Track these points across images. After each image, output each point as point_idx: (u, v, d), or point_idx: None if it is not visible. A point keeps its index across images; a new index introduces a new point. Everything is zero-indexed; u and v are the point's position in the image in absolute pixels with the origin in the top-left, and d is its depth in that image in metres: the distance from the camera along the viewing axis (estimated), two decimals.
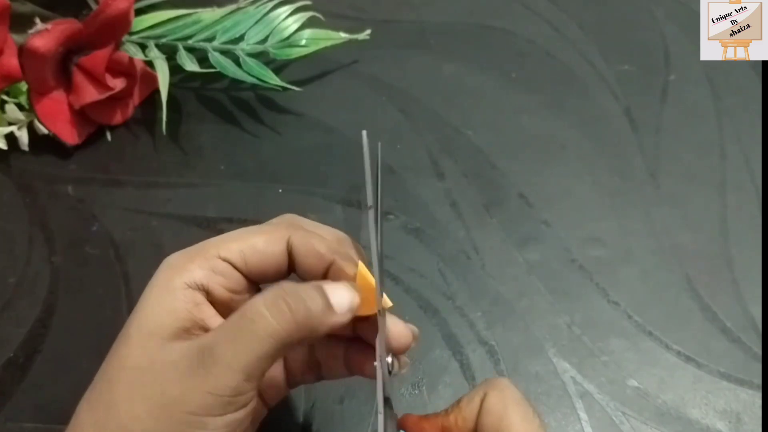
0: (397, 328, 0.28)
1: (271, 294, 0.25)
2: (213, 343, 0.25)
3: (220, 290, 0.27)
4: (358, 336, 0.30)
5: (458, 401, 0.27)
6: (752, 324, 0.41)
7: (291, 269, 0.29)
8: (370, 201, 0.25)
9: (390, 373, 0.28)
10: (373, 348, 0.29)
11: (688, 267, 0.43)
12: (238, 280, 0.28)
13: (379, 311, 0.27)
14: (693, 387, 0.38)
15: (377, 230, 0.26)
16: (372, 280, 0.27)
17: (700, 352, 0.39)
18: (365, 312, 0.27)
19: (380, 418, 0.27)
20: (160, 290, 0.27)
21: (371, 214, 0.25)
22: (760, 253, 0.44)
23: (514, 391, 0.26)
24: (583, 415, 0.37)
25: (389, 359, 0.28)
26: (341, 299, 0.26)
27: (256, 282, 0.29)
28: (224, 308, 0.28)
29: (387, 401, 0.27)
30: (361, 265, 0.27)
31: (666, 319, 0.41)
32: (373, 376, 0.28)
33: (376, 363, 0.27)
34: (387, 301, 0.27)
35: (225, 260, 0.27)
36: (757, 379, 0.38)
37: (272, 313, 0.25)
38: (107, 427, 0.25)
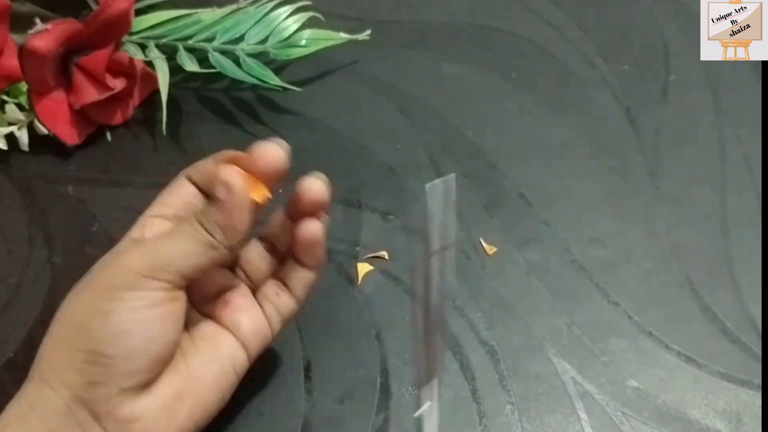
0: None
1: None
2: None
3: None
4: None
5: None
6: (752, 324, 0.41)
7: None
8: (437, 245, 0.24)
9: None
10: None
11: (688, 267, 0.43)
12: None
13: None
14: (693, 387, 0.38)
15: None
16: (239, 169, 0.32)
17: (700, 353, 0.39)
18: (258, 198, 0.32)
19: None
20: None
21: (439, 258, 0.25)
22: (760, 253, 0.44)
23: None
24: (583, 416, 0.37)
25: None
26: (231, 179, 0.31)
27: None
28: None
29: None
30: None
31: (666, 319, 0.41)
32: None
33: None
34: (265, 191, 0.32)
35: (155, 216, 0.33)
36: (757, 379, 0.38)
37: (193, 223, 0.30)
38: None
